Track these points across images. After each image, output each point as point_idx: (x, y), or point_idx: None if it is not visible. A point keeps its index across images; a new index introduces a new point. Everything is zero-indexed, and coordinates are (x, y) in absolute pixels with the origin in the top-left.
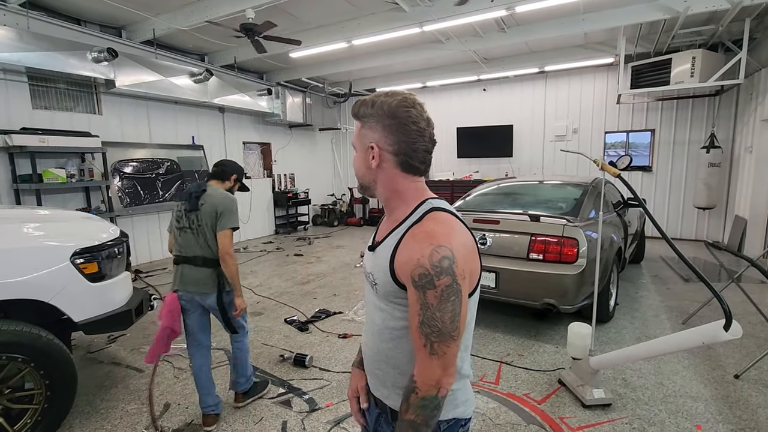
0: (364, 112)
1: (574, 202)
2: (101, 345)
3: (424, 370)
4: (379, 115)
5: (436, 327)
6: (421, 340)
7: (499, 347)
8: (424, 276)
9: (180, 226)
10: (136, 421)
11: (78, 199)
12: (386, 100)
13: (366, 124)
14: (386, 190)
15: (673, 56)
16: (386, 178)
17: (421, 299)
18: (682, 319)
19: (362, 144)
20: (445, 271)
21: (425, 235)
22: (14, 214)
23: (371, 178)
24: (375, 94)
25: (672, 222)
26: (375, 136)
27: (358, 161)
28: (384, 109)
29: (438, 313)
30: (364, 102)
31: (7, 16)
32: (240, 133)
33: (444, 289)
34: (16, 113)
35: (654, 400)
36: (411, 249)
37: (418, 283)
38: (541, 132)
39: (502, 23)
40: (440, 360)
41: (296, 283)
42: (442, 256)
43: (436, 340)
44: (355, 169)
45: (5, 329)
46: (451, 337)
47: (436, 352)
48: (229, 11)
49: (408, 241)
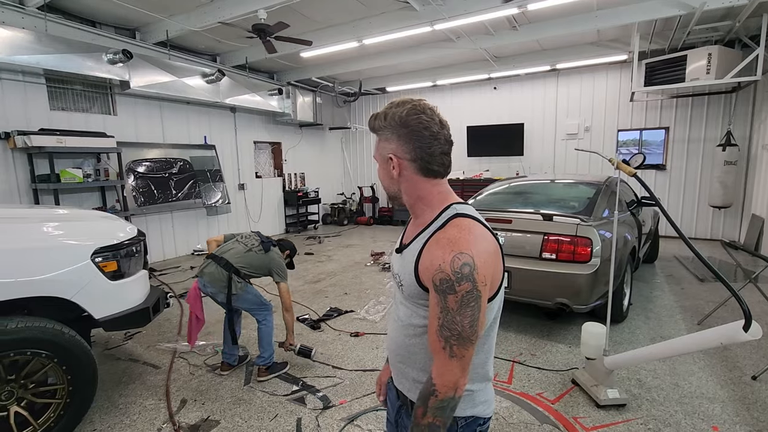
0: (378, 125)
1: (588, 201)
2: (118, 342)
3: (443, 372)
4: (393, 126)
5: (456, 331)
6: (441, 342)
7: (512, 346)
8: (445, 281)
9: (238, 240)
10: (154, 416)
11: (94, 198)
12: (396, 110)
13: (382, 137)
14: (410, 197)
15: (688, 53)
16: (409, 186)
17: (442, 303)
18: (698, 320)
19: (382, 156)
20: (466, 278)
21: (447, 241)
22: (35, 214)
23: (396, 187)
24: (387, 106)
25: (686, 221)
26: (392, 146)
27: (381, 173)
28: (396, 119)
29: (458, 318)
30: (377, 116)
31: (26, 19)
32: (251, 132)
33: (464, 294)
34: (35, 114)
35: (669, 401)
36: (433, 254)
37: (439, 288)
38: (552, 130)
39: (513, 21)
40: (459, 362)
41: (307, 282)
42: (463, 263)
43: (455, 343)
44: (380, 180)
45: (30, 326)
46: (470, 341)
47: (456, 355)
48: (242, 12)
49: (431, 246)
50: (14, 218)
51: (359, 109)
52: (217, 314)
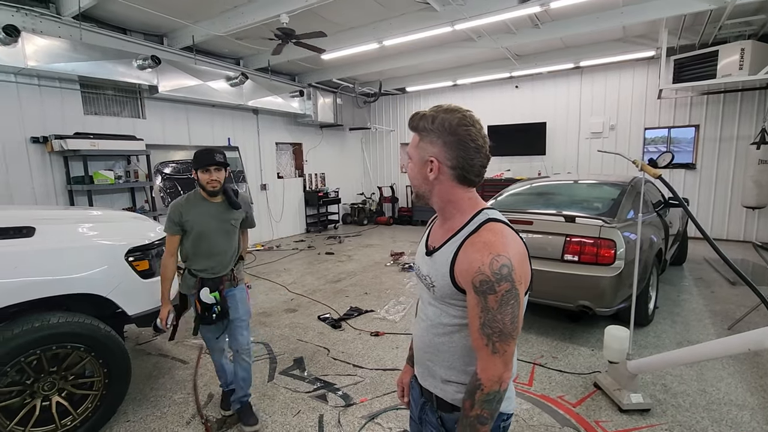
0: (423, 126)
1: (612, 202)
2: (148, 337)
3: (487, 367)
4: (440, 131)
5: (498, 328)
6: (483, 340)
7: (533, 348)
8: (485, 282)
9: None
10: (183, 409)
11: (124, 199)
12: (447, 117)
13: (425, 138)
14: (441, 200)
15: (719, 48)
16: (442, 190)
17: (482, 303)
18: (728, 325)
19: (421, 156)
20: (505, 278)
21: (483, 244)
22: (72, 215)
23: (428, 188)
24: (434, 109)
25: (717, 222)
26: (435, 150)
27: (414, 171)
28: (445, 126)
29: (499, 316)
30: (424, 116)
31: (62, 28)
32: (273, 133)
33: (504, 294)
34: (70, 119)
35: (696, 407)
36: (471, 257)
37: (479, 289)
38: (576, 129)
39: (536, 19)
40: (502, 358)
41: (328, 281)
42: (501, 264)
43: (497, 340)
44: (411, 178)
45: (69, 321)
46: (511, 337)
47: (498, 351)
48: (264, 17)
49: (467, 249)
50: (54, 219)
51: (379, 109)
52: None
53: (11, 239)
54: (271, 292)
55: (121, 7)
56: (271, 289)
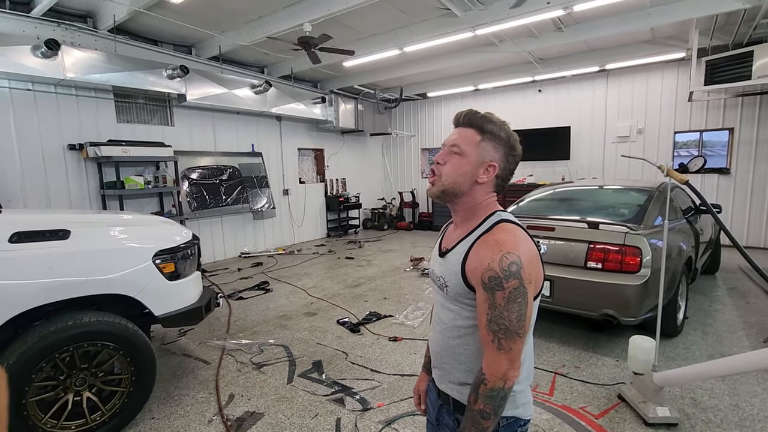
0: (491, 129)
1: (638, 208)
2: (173, 338)
3: (492, 363)
4: (504, 140)
5: (503, 325)
6: (489, 336)
7: (554, 357)
8: (494, 278)
9: None
10: (205, 408)
11: (153, 203)
12: (510, 130)
13: (490, 142)
14: (473, 201)
15: (755, 48)
16: (479, 193)
17: (490, 299)
18: (764, 337)
19: (481, 157)
20: (513, 275)
21: (495, 242)
22: (104, 219)
23: (467, 188)
24: (496, 117)
25: (754, 229)
26: (497, 156)
27: (463, 168)
28: (508, 137)
29: (505, 313)
30: (492, 121)
31: (98, 41)
32: (295, 139)
33: (512, 291)
34: (104, 127)
35: (728, 423)
36: (482, 255)
37: (488, 285)
38: (601, 133)
39: (559, 23)
40: (507, 355)
41: (347, 286)
42: (510, 262)
43: (503, 337)
44: (453, 173)
45: (100, 320)
46: (517, 335)
47: (503, 348)
48: (288, 26)
49: (479, 247)
50: (87, 223)
51: (400, 115)
52: (264, 314)
53: (48, 241)
54: (291, 295)
55: (153, 20)
56: (292, 293)
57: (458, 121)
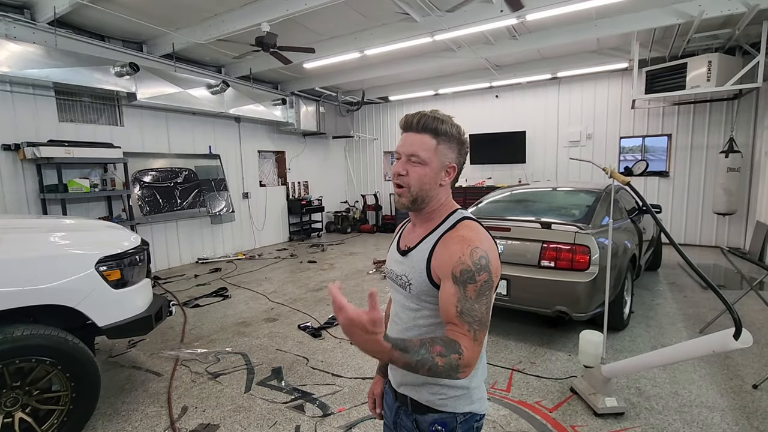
0: (444, 130)
1: (587, 208)
2: (122, 349)
3: (471, 352)
4: (456, 138)
5: (477, 317)
6: (465, 326)
7: (511, 354)
8: (466, 272)
9: None
10: (156, 423)
11: (100, 208)
12: (456, 124)
13: (445, 144)
14: (437, 203)
15: (688, 60)
16: (441, 194)
17: (461, 293)
18: (700, 328)
19: (441, 162)
20: (484, 269)
21: (462, 238)
22: (42, 224)
23: (433, 193)
24: (444, 115)
25: (691, 228)
26: (453, 156)
27: (428, 176)
28: (458, 133)
29: (477, 305)
30: (444, 121)
31: (36, 34)
32: (255, 142)
33: (483, 284)
34: (44, 126)
35: (668, 410)
36: (451, 250)
37: (460, 279)
38: (554, 138)
39: (513, 31)
40: (480, 347)
41: (309, 290)
42: (480, 256)
43: (478, 329)
44: (420, 183)
45: (35, 333)
46: (486, 326)
47: (478, 339)
48: (245, 25)
49: (446, 243)
50: (22, 228)
51: (362, 118)
52: (221, 321)
53: None
54: (251, 301)
55: (98, 13)
56: (252, 299)
57: (410, 125)
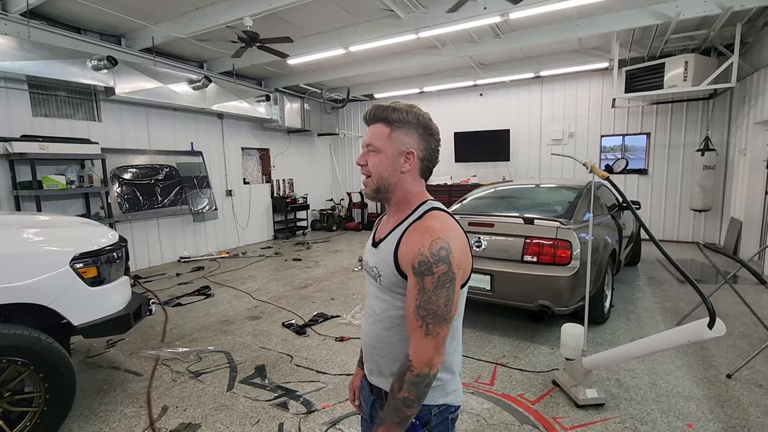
0: (397, 117)
1: (569, 204)
2: (100, 349)
3: (418, 349)
4: (416, 124)
5: (432, 310)
6: (417, 321)
7: (495, 349)
8: (424, 263)
9: None
10: (134, 423)
11: (78, 205)
12: (419, 111)
13: (399, 130)
14: (402, 192)
15: (666, 60)
16: (406, 182)
17: (419, 285)
18: (677, 320)
19: (396, 148)
20: (443, 260)
21: (425, 229)
22: (14, 220)
23: (394, 180)
24: (401, 104)
25: (669, 224)
26: (411, 141)
27: (385, 163)
28: (418, 119)
29: (434, 297)
30: (397, 109)
31: (8, 25)
32: (239, 138)
33: (441, 276)
34: (17, 121)
35: (647, 400)
36: (413, 241)
37: (418, 270)
38: (537, 136)
39: (497, 29)
40: (434, 340)
41: (294, 288)
42: (440, 247)
43: (431, 322)
44: (377, 170)
45: (5, 333)
46: (444, 320)
47: (431, 333)
48: (227, 19)
49: (410, 234)
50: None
51: (347, 115)
52: (204, 320)
53: None
54: (234, 299)
55: (74, 5)
56: (235, 297)
57: (366, 118)
